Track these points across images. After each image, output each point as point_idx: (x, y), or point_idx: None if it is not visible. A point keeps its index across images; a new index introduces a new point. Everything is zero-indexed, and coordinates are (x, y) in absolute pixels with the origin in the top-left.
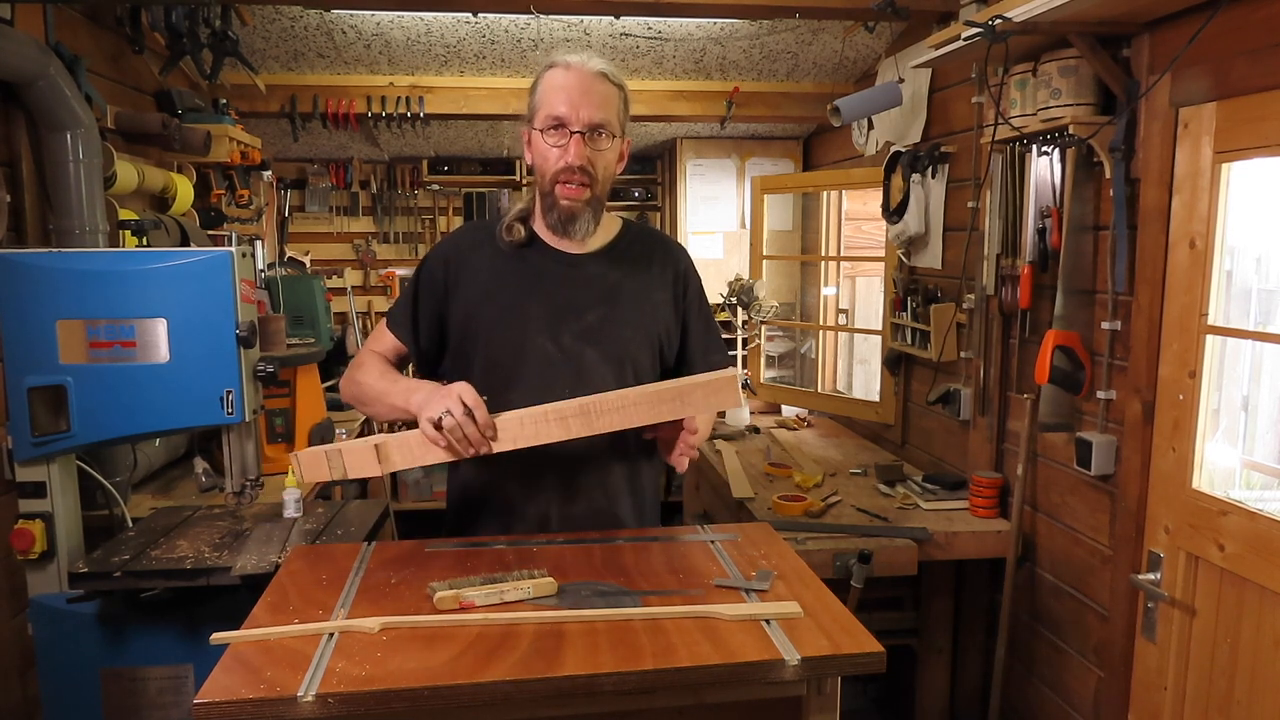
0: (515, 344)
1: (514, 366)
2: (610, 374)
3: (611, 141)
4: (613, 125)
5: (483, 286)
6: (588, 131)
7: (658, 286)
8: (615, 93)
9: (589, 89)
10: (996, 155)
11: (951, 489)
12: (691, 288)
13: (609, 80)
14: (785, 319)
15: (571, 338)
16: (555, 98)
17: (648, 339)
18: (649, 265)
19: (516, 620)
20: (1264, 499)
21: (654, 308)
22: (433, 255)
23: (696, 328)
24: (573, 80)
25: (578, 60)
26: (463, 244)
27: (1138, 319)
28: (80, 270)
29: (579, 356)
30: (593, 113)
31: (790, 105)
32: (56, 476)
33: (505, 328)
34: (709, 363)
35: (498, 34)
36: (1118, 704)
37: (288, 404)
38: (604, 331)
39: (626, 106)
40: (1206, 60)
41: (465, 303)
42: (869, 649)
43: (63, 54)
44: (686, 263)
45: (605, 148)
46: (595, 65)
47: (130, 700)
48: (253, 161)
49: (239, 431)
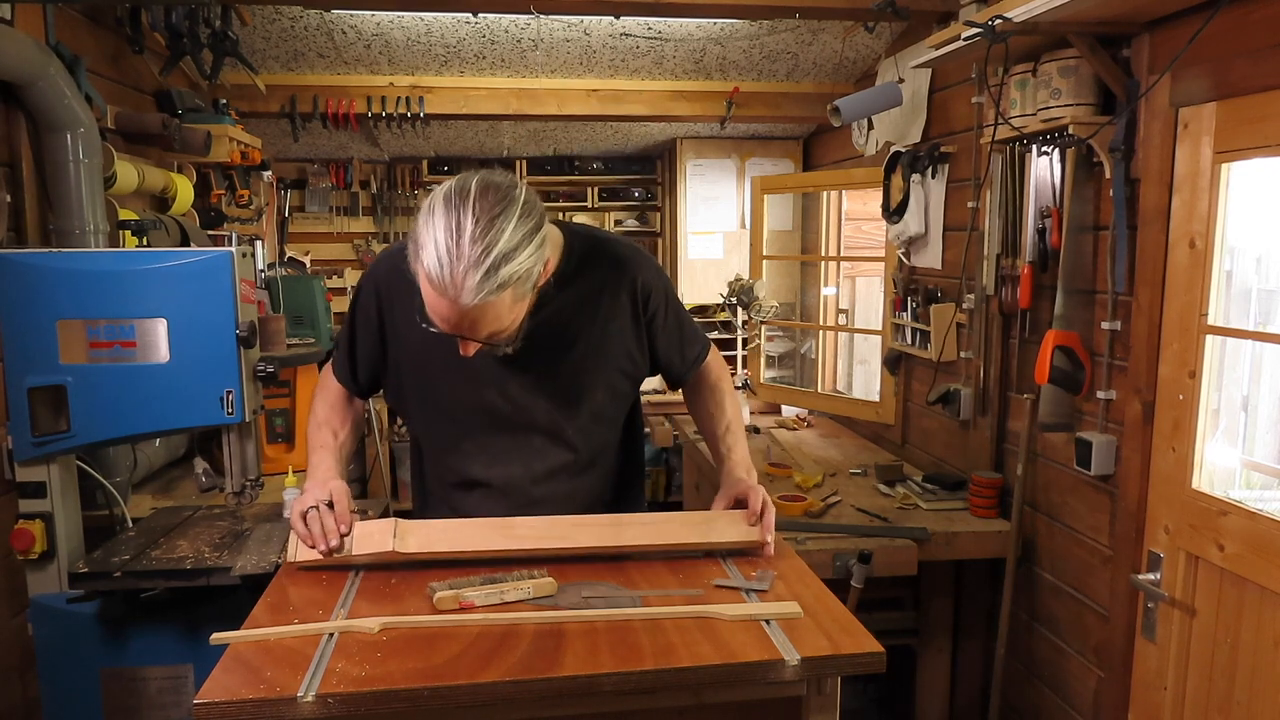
0: (462, 397)
1: (464, 419)
2: (564, 419)
3: (513, 328)
4: (504, 329)
5: (416, 331)
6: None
7: (612, 315)
8: (502, 301)
9: (463, 319)
10: (996, 155)
11: (951, 489)
12: (654, 297)
13: (489, 300)
14: (785, 319)
15: (520, 390)
16: (433, 315)
17: (604, 376)
18: (599, 292)
19: (516, 620)
20: (1264, 499)
21: (608, 340)
22: (363, 285)
23: (664, 332)
24: (443, 310)
25: (447, 284)
26: (388, 275)
27: (1138, 319)
28: (80, 270)
29: (530, 408)
30: (475, 334)
31: (790, 105)
32: (56, 476)
33: (448, 379)
34: (685, 359)
35: (498, 34)
36: (1118, 704)
37: (288, 404)
38: (554, 380)
39: (529, 278)
40: (1206, 60)
41: (399, 347)
42: (869, 649)
43: (63, 54)
44: (643, 272)
45: (506, 340)
46: (467, 296)
47: (130, 700)
48: (253, 161)
49: (239, 431)
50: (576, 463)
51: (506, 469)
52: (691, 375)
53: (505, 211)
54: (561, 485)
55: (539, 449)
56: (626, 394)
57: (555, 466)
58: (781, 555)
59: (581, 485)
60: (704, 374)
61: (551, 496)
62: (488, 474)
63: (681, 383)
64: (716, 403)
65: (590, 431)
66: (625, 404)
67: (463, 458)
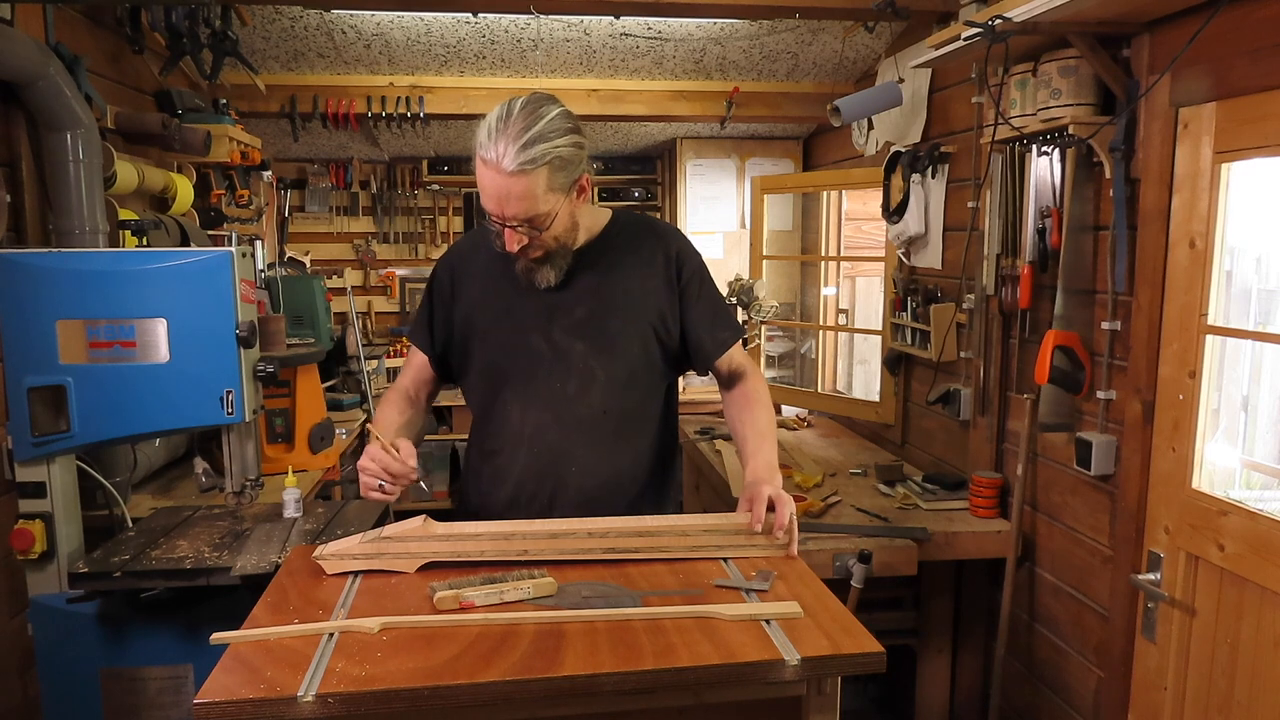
0: (509, 342)
1: (508, 364)
2: (599, 366)
3: (550, 218)
4: (541, 213)
5: (480, 289)
6: (518, 224)
7: (648, 273)
8: (538, 177)
9: (505, 192)
10: (996, 155)
11: (951, 489)
12: (688, 267)
13: (526, 171)
14: (785, 319)
15: (562, 333)
16: (483, 192)
17: (638, 328)
18: (638, 252)
19: (516, 620)
20: (1264, 499)
21: (644, 295)
22: (440, 264)
23: (697, 305)
24: (488, 181)
25: (493, 155)
26: (464, 250)
27: (1138, 319)
28: (80, 270)
29: (569, 351)
30: (516, 211)
31: (790, 105)
32: (56, 476)
33: (500, 327)
34: (716, 339)
35: (498, 34)
36: (1118, 704)
37: (288, 404)
38: (592, 324)
39: (565, 168)
40: (1206, 60)
41: (466, 305)
42: (869, 649)
43: (63, 54)
44: (680, 243)
45: (544, 225)
46: (508, 162)
47: (130, 700)
48: (253, 161)
49: (239, 431)
50: (607, 422)
51: (539, 416)
52: (721, 357)
53: (548, 104)
54: (590, 447)
55: (572, 397)
56: (658, 362)
57: (584, 418)
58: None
59: (609, 454)
60: (744, 378)
61: (579, 455)
62: (521, 422)
63: (709, 364)
64: (749, 403)
65: (623, 391)
66: (658, 375)
67: (501, 410)
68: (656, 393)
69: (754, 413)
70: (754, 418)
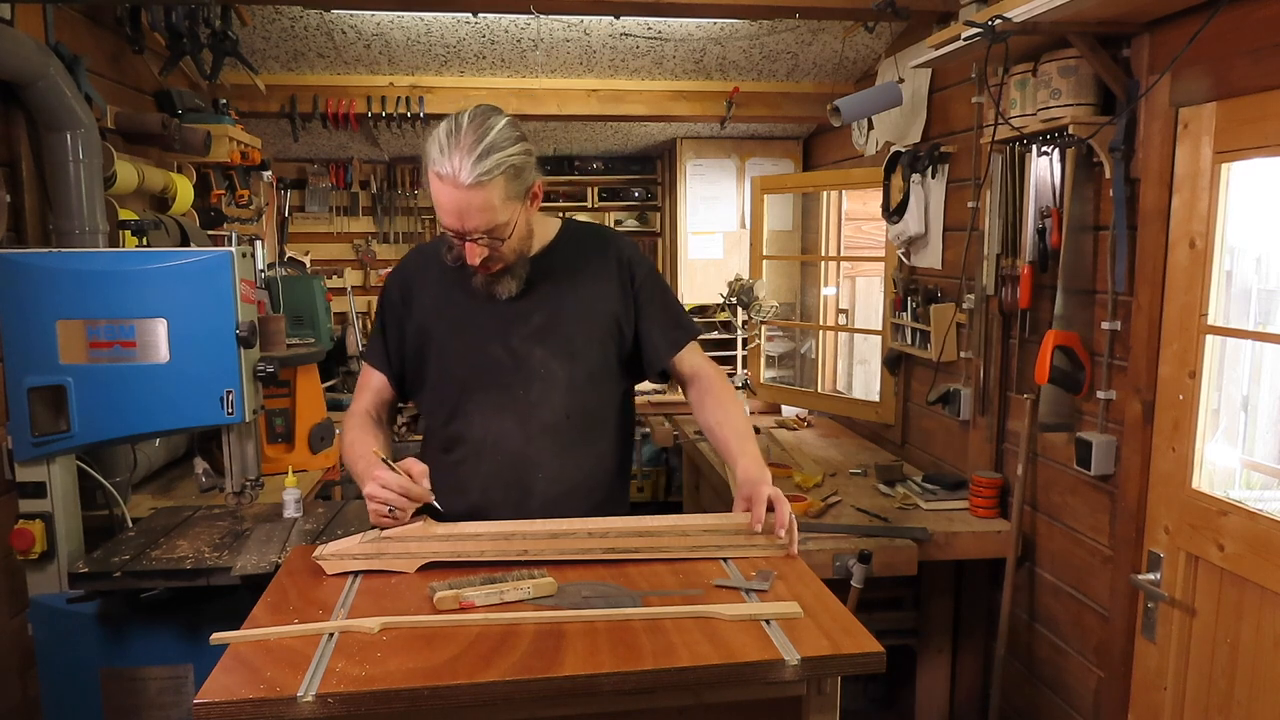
0: (468, 352)
1: (466, 373)
2: (560, 368)
3: (509, 227)
4: (500, 223)
5: (434, 301)
6: (479, 236)
7: (602, 277)
8: (495, 187)
9: (465, 205)
10: (996, 155)
11: (951, 489)
12: (639, 271)
13: (483, 183)
14: (785, 319)
15: (520, 340)
16: (440, 208)
17: (595, 331)
18: (590, 258)
19: (516, 620)
20: (1264, 499)
21: (599, 299)
22: (390, 281)
23: (651, 307)
24: (446, 196)
25: (449, 170)
26: (414, 265)
27: (1138, 319)
28: (80, 270)
29: (528, 357)
30: (477, 223)
31: (790, 105)
32: (56, 476)
33: (457, 337)
34: (669, 337)
35: (498, 34)
36: (1118, 704)
37: (288, 404)
38: (550, 330)
39: (519, 176)
40: (1206, 60)
41: (420, 318)
42: (869, 649)
43: (63, 54)
44: (629, 250)
45: (505, 235)
46: (465, 175)
47: (130, 700)
48: (253, 161)
49: (239, 431)
50: (570, 426)
51: (501, 423)
52: (675, 355)
53: (494, 115)
54: (554, 452)
55: (535, 403)
56: (615, 365)
57: (548, 423)
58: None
59: (573, 458)
60: (706, 378)
61: (544, 460)
62: (484, 430)
63: (664, 363)
64: (719, 403)
65: (584, 394)
66: (615, 378)
67: (463, 420)
68: (614, 396)
69: (727, 411)
70: (729, 416)
